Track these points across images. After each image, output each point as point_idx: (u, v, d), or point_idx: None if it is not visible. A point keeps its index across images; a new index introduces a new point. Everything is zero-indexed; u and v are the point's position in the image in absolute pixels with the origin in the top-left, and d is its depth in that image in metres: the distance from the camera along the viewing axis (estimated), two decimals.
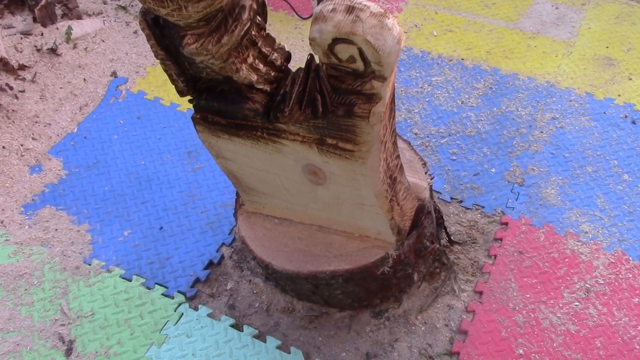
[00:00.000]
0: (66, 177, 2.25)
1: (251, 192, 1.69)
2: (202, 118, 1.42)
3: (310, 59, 1.27)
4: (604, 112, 2.39)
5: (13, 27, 2.56)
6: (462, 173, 2.24)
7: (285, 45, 1.41)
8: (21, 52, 2.48)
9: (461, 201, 2.16)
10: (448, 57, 2.66)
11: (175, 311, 1.89)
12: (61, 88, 2.47)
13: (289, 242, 1.73)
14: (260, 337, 1.84)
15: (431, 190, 1.79)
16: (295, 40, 2.76)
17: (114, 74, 2.58)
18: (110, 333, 1.84)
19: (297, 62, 2.65)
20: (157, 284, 1.95)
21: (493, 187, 2.19)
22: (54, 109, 2.42)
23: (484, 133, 2.36)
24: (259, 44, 1.29)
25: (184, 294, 1.93)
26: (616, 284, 1.90)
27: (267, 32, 1.32)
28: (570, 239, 2.02)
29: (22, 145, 2.29)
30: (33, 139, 2.31)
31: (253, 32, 1.27)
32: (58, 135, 2.35)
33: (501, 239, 2.03)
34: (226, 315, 1.88)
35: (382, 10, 1.11)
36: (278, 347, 1.80)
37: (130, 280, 1.96)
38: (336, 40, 1.12)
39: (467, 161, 2.27)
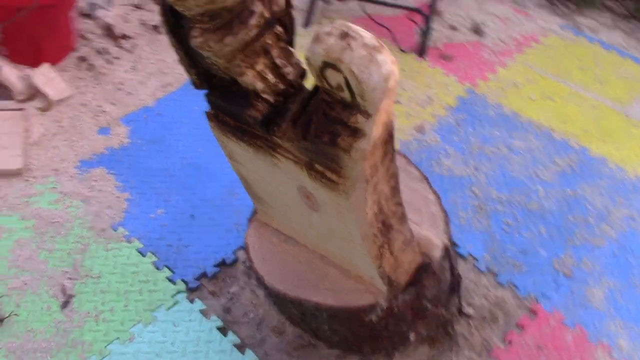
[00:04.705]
0: (128, 145, 2.35)
1: (260, 201, 1.67)
2: (214, 115, 1.43)
3: None
4: None
5: None
6: (509, 246, 2.08)
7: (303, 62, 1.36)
8: (128, 22, 2.64)
9: (497, 275, 2.01)
10: (538, 124, 2.50)
11: (172, 297, 1.91)
12: (152, 63, 2.59)
13: (287, 262, 1.69)
14: (241, 348, 1.81)
15: (447, 251, 1.67)
16: None
17: None
18: (107, 299, 1.89)
19: None
20: (166, 266, 1.98)
21: (536, 270, 2.02)
22: (140, 81, 2.54)
23: (548, 212, 2.18)
24: (273, 54, 1.27)
25: (186, 283, 1.94)
26: None
27: (287, 45, 1.30)
28: (601, 351, 1.81)
29: (100, 106, 2.42)
30: (112, 103, 2.44)
31: (269, 41, 1.25)
32: (135, 106, 2.47)
33: (523, 327, 1.86)
34: (218, 316, 1.87)
35: (378, 44, 1.06)
36: None
37: (144, 256, 2.01)
38: (326, 65, 1.08)
39: (518, 235, 2.12)
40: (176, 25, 1.26)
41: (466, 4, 3.21)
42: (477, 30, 3.04)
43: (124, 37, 2.62)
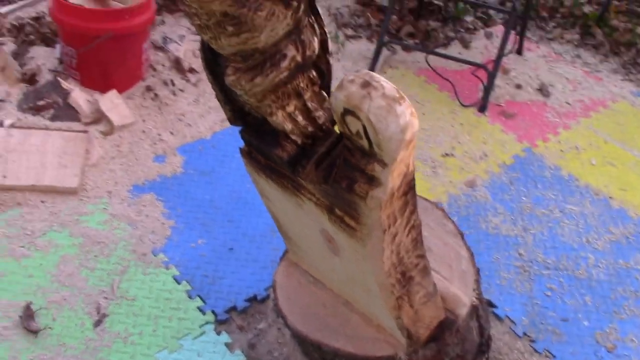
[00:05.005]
0: (180, 174, 2.42)
1: (290, 241, 1.68)
2: (248, 152, 1.46)
3: None
4: None
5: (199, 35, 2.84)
6: (550, 313, 2.00)
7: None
8: (196, 58, 2.74)
9: (534, 341, 1.93)
10: (596, 190, 2.41)
11: (200, 327, 1.93)
12: (214, 98, 2.67)
13: (312, 304, 1.68)
14: None
15: (476, 310, 1.62)
16: (443, 123, 2.70)
17: None
18: (137, 322, 1.93)
19: (438, 144, 2.60)
20: (199, 296, 2.01)
21: (576, 341, 1.92)
22: (200, 114, 2.63)
23: (596, 281, 2.09)
24: (306, 97, 1.29)
25: (215, 314, 1.96)
26: None
27: (321, 89, 1.32)
28: None
29: (159, 135, 2.52)
30: (170, 133, 2.54)
31: (302, 85, 1.28)
32: (192, 137, 2.55)
33: None
34: (242, 351, 1.88)
35: (398, 95, 1.06)
36: None
37: (179, 283, 2.04)
38: (346, 111, 1.09)
39: (561, 302, 2.03)
40: (214, 63, 1.31)
41: (536, 64, 3.16)
42: (543, 90, 2.99)
43: (191, 71, 2.73)
